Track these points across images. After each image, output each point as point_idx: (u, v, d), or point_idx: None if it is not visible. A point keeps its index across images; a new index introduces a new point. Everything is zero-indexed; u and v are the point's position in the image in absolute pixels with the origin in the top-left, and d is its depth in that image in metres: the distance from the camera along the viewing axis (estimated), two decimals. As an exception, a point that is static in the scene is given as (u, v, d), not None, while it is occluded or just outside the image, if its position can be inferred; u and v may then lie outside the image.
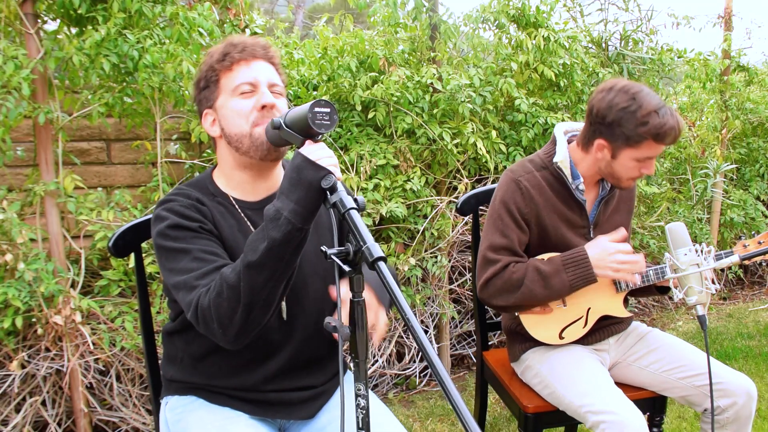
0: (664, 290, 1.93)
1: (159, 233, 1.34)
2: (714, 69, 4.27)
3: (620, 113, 1.67)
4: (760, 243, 1.78)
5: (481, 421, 2.23)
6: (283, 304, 1.40)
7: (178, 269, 1.29)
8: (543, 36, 3.12)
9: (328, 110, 1.19)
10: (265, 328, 1.27)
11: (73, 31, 2.36)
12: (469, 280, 3.27)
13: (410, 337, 3.20)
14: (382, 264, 1.00)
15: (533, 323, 1.85)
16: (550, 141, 1.88)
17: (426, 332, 3.22)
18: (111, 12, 2.18)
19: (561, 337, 1.86)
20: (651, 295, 1.95)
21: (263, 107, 1.36)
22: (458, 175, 3.08)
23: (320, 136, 1.23)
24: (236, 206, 1.43)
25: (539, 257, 1.82)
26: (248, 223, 1.42)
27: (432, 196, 3.02)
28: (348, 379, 1.58)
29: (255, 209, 1.44)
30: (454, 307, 3.31)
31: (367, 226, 1.15)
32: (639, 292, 1.97)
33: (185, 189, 1.42)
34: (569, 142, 1.87)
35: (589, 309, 1.86)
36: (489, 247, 1.80)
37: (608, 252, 1.74)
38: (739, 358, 3.48)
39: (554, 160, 1.81)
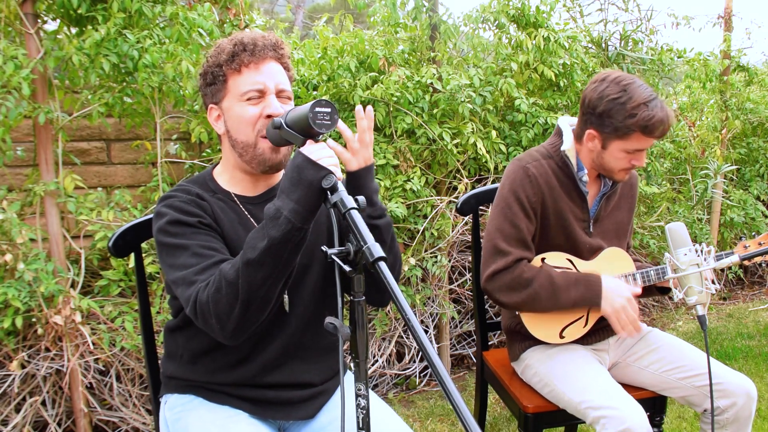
0: (665, 290, 1.94)
1: (159, 229, 1.35)
2: (714, 69, 4.27)
3: (610, 104, 1.68)
4: (760, 244, 1.78)
5: (481, 421, 2.23)
6: (286, 297, 1.41)
7: (177, 265, 1.30)
8: (543, 36, 3.12)
9: (328, 110, 1.19)
10: (262, 322, 1.28)
11: (73, 31, 2.36)
12: (469, 280, 3.27)
13: (410, 337, 3.20)
14: (382, 264, 1.01)
15: (534, 322, 1.85)
16: (554, 133, 1.89)
17: (426, 332, 3.22)
18: (111, 12, 2.18)
19: (561, 336, 1.86)
20: (651, 296, 1.95)
21: (270, 116, 1.36)
22: (458, 175, 3.08)
23: (321, 136, 1.23)
24: (237, 201, 1.44)
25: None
26: (249, 217, 1.44)
27: (432, 196, 3.02)
28: (348, 379, 1.58)
29: (255, 203, 1.46)
30: (454, 307, 3.31)
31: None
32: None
33: (185, 185, 1.44)
34: None
35: (589, 309, 1.86)
36: (499, 236, 1.79)
37: (621, 293, 1.75)
38: (739, 358, 3.48)
39: (562, 148, 1.82)
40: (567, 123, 1.88)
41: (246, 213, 1.44)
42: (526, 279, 1.75)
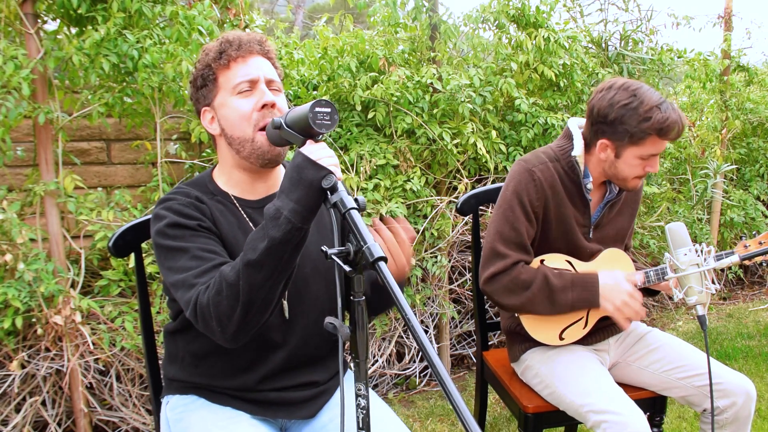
0: (654, 293, 1.93)
1: (158, 232, 1.34)
2: (714, 69, 4.27)
3: (622, 110, 1.66)
4: (761, 243, 1.77)
5: (481, 421, 2.23)
6: (285, 303, 1.40)
7: (176, 268, 1.29)
8: (543, 36, 3.12)
9: (328, 110, 1.19)
10: (265, 327, 1.27)
11: (73, 31, 2.36)
12: (469, 280, 3.27)
13: (410, 337, 3.20)
14: (382, 264, 1.00)
15: (533, 324, 1.85)
16: (563, 135, 1.86)
17: (426, 332, 3.22)
18: (111, 12, 2.18)
19: (561, 338, 1.85)
20: (648, 297, 1.95)
21: (264, 106, 1.36)
22: (458, 175, 3.08)
23: (321, 136, 1.23)
24: (236, 204, 1.44)
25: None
26: (248, 221, 1.43)
27: (432, 196, 3.02)
28: (348, 379, 1.58)
29: (255, 208, 1.45)
30: (454, 307, 3.31)
31: (368, 226, 1.16)
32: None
33: (184, 188, 1.43)
34: None
35: (589, 310, 1.86)
36: (498, 239, 1.78)
37: (620, 289, 1.74)
38: (739, 358, 3.48)
39: (573, 153, 1.79)
40: (577, 125, 1.85)
41: (245, 217, 1.43)
42: (523, 281, 1.75)
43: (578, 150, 1.79)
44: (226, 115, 1.38)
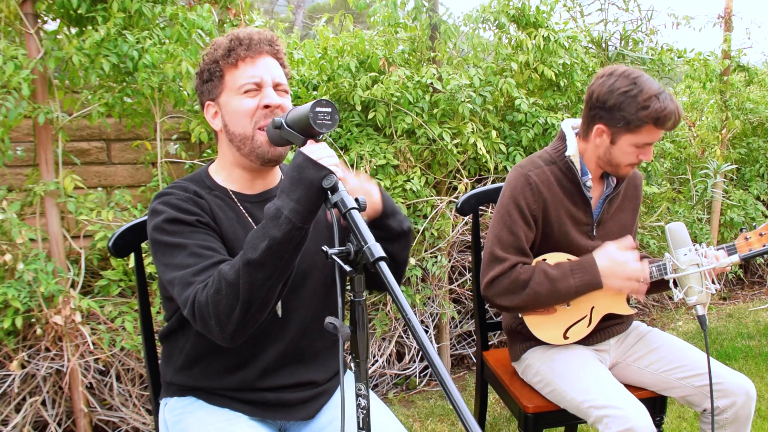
0: (661, 285, 1.93)
1: (155, 227, 1.32)
2: (714, 69, 4.27)
3: (621, 97, 1.68)
4: (761, 235, 1.76)
5: (481, 421, 2.23)
6: (279, 303, 1.40)
7: (174, 264, 1.28)
8: (543, 36, 3.12)
9: (329, 110, 1.19)
10: (261, 324, 1.27)
11: (73, 31, 2.36)
12: (469, 280, 3.27)
13: (410, 337, 3.20)
14: (383, 264, 1.00)
15: (537, 324, 1.85)
16: (557, 137, 1.88)
17: (426, 332, 3.22)
18: (111, 12, 2.18)
19: (565, 337, 1.85)
20: (650, 293, 1.95)
21: (267, 107, 1.36)
22: (458, 175, 3.08)
23: (321, 136, 1.23)
24: (235, 199, 1.43)
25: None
26: (247, 216, 1.42)
27: (432, 196, 3.02)
28: (348, 379, 1.58)
29: (253, 202, 1.45)
30: (454, 307, 3.31)
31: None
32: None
33: (182, 183, 1.42)
34: None
35: (593, 308, 1.86)
36: (497, 244, 1.79)
37: (617, 262, 1.74)
38: (739, 358, 3.48)
39: (567, 153, 1.81)
40: (570, 126, 1.87)
41: (244, 211, 1.42)
42: (523, 280, 1.75)
43: (572, 150, 1.81)
44: (230, 112, 1.38)
